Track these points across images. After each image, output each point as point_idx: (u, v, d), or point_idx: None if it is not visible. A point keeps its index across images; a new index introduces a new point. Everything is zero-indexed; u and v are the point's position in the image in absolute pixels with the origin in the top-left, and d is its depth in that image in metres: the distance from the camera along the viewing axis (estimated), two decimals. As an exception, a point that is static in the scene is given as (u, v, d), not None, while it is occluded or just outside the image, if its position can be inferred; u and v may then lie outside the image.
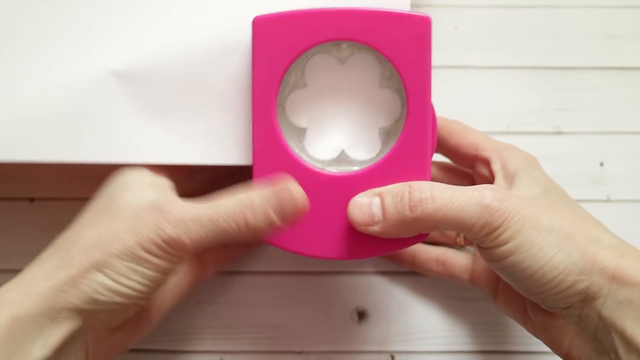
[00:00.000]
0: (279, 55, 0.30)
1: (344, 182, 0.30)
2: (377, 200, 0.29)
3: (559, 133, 0.41)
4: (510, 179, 0.32)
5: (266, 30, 0.30)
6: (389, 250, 0.31)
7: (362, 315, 0.39)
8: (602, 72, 0.41)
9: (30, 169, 0.39)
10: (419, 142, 0.30)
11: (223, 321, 0.39)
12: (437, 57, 0.41)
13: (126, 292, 0.28)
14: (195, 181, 0.35)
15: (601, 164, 0.40)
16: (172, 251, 0.28)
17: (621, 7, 0.42)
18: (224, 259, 0.37)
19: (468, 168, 0.36)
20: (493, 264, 0.29)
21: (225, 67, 0.31)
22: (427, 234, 0.30)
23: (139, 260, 0.28)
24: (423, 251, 0.37)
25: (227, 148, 0.31)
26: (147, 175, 0.31)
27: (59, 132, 0.30)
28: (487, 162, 0.34)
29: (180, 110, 0.31)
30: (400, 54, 0.30)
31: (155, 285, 0.29)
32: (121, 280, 0.28)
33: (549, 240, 0.27)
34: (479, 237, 0.28)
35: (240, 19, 0.31)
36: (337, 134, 0.32)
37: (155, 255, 0.28)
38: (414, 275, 0.39)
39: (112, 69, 0.30)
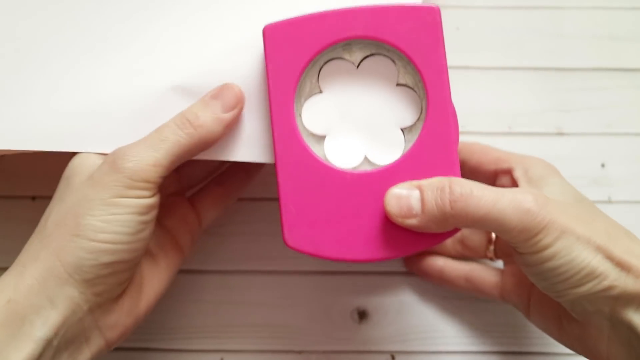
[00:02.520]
0: (293, 61, 0.30)
1: (371, 180, 0.30)
2: (416, 193, 0.29)
3: (561, 134, 0.41)
4: (535, 184, 0.32)
5: (277, 37, 0.30)
6: (420, 247, 0.30)
7: (362, 315, 0.39)
8: (604, 73, 0.41)
9: (32, 167, 0.39)
10: (443, 132, 0.30)
11: (223, 320, 0.39)
12: (439, 57, 0.41)
13: (108, 247, 0.28)
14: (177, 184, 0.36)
15: (602, 165, 0.40)
16: (139, 184, 0.28)
17: (623, 9, 0.42)
18: (217, 203, 0.37)
19: (489, 183, 0.35)
20: (528, 268, 0.29)
21: (244, 73, 0.32)
22: (459, 229, 0.30)
23: (108, 209, 0.28)
24: (451, 268, 0.37)
25: (251, 147, 0.32)
26: (95, 158, 0.31)
27: (120, 132, 0.32)
28: (509, 172, 0.34)
29: None
30: (413, 46, 0.30)
31: (136, 231, 0.29)
32: (99, 237, 0.28)
33: (587, 247, 0.27)
34: (516, 240, 0.28)
35: (259, 24, 0.32)
36: (358, 140, 0.31)
37: (122, 196, 0.28)
38: (414, 275, 0.39)
39: (171, 85, 0.32)
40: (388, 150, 0.31)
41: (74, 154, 0.32)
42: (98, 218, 0.28)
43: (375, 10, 0.30)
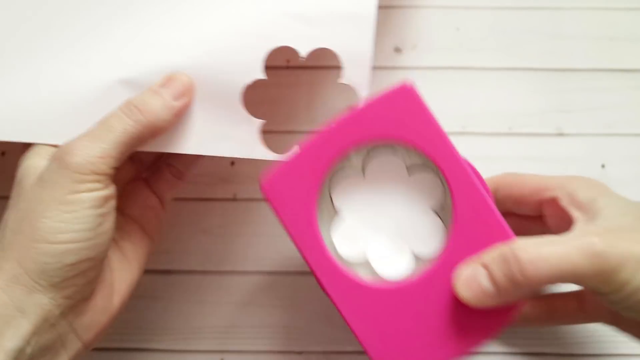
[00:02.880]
0: (302, 203, 0.29)
1: (432, 278, 0.29)
2: (482, 272, 0.28)
3: (561, 135, 0.41)
4: (588, 210, 0.30)
5: (277, 189, 0.30)
6: (507, 320, 0.29)
7: (362, 315, 0.39)
8: (604, 73, 0.41)
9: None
10: (475, 197, 0.29)
11: (223, 321, 0.39)
12: (439, 58, 0.41)
13: (69, 247, 0.27)
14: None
15: (603, 166, 0.40)
16: (89, 177, 0.28)
17: (623, 9, 0.42)
18: (172, 184, 0.36)
19: (535, 214, 0.34)
20: (615, 306, 0.28)
21: (194, 66, 0.32)
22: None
23: (63, 207, 0.27)
24: (532, 308, 0.35)
25: (203, 140, 0.32)
26: (44, 157, 0.30)
27: (66, 125, 0.32)
28: (554, 202, 0.32)
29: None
30: (405, 129, 0.29)
31: (95, 226, 0.28)
32: (58, 238, 0.27)
33: None
34: (594, 285, 0.27)
35: (209, 18, 0.32)
36: (398, 244, 0.31)
37: (74, 192, 0.28)
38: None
39: (119, 78, 0.32)
40: (431, 238, 0.30)
41: None
42: (54, 219, 0.27)
43: (355, 115, 0.29)
